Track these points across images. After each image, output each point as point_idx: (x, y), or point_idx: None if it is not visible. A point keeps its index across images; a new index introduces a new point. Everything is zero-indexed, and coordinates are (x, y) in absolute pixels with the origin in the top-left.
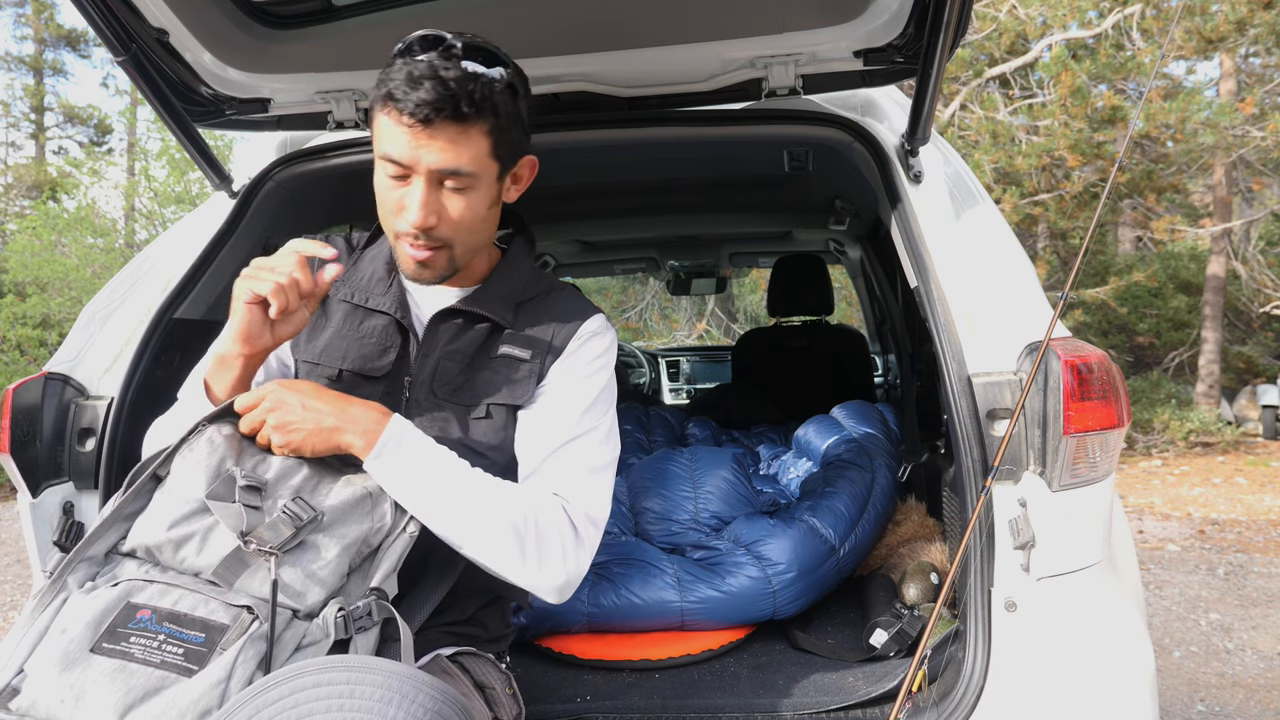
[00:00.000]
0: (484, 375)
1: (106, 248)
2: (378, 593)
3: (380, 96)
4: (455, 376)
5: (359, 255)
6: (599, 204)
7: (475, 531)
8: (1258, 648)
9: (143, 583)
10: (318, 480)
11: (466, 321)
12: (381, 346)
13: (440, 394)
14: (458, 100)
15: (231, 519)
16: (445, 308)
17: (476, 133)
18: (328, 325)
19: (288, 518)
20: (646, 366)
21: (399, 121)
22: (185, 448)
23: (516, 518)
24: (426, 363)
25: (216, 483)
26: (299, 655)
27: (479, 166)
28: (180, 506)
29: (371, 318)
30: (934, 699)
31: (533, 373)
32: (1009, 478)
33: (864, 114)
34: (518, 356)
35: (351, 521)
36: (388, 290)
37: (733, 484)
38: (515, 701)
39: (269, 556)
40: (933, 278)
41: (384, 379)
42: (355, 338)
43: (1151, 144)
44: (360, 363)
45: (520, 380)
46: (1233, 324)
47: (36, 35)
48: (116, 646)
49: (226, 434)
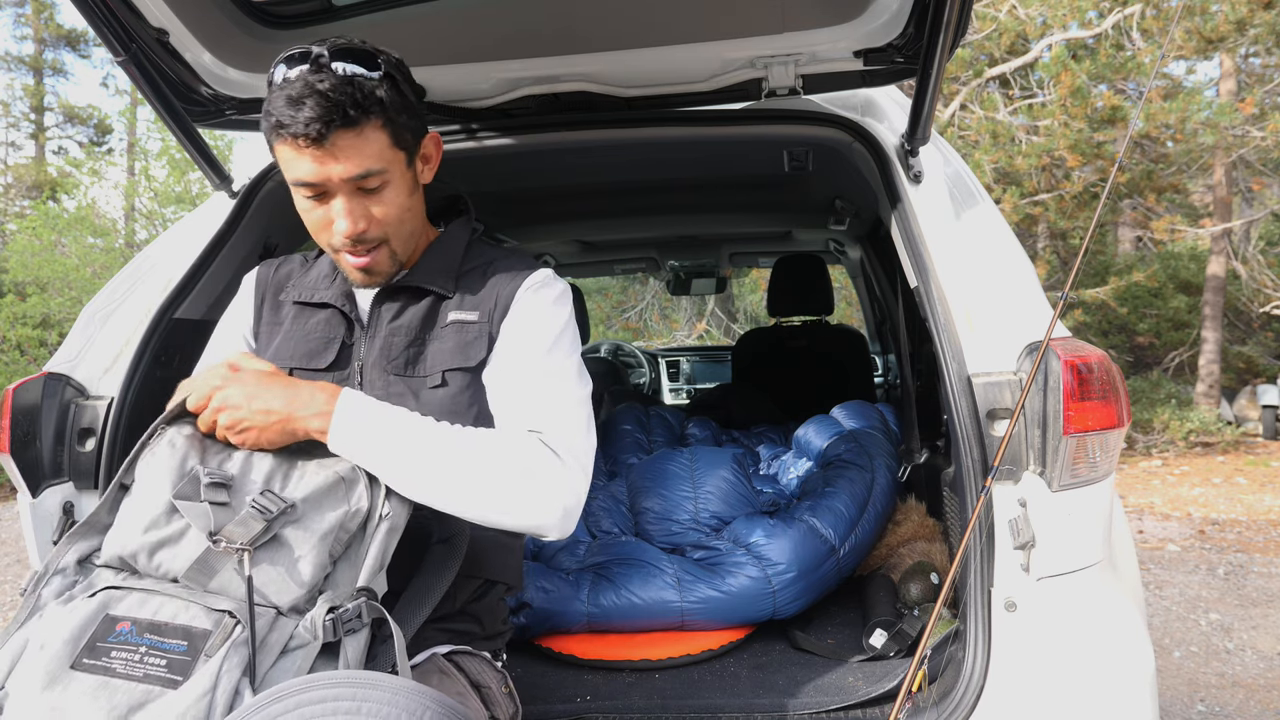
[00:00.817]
0: (434, 346)
1: (106, 248)
2: (367, 593)
3: (270, 128)
4: (404, 350)
5: (313, 264)
6: (599, 204)
7: (456, 484)
8: (1258, 648)
9: (120, 591)
10: (287, 468)
11: (408, 297)
12: (325, 340)
13: (391, 369)
14: (343, 107)
15: (199, 518)
16: (381, 289)
17: (371, 131)
18: (278, 332)
19: (257, 512)
20: (646, 366)
21: (295, 147)
22: (147, 452)
23: (495, 459)
24: (373, 343)
25: (182, 482)
26: (285, 659)
27: (385, 161)
28: (149, 511)
29: (316, 314)
30: (934, 699)
31: (483, 332)
32: (1009, 478)
33: (864, 114)
34: (466, 320)
35: (326, 508)
36: (332, 284)
37: (733, 484)
38: (511, 700)
39: (241, 554)
40: (933, 278)
41: (329, 370)
42: (300, 336)
43: (1151, 144)
44: (305, 359)
45: (471, 341)
46: (1233, 324)
47: (36, 35)
48: (97, 662)
49: (187, 434)
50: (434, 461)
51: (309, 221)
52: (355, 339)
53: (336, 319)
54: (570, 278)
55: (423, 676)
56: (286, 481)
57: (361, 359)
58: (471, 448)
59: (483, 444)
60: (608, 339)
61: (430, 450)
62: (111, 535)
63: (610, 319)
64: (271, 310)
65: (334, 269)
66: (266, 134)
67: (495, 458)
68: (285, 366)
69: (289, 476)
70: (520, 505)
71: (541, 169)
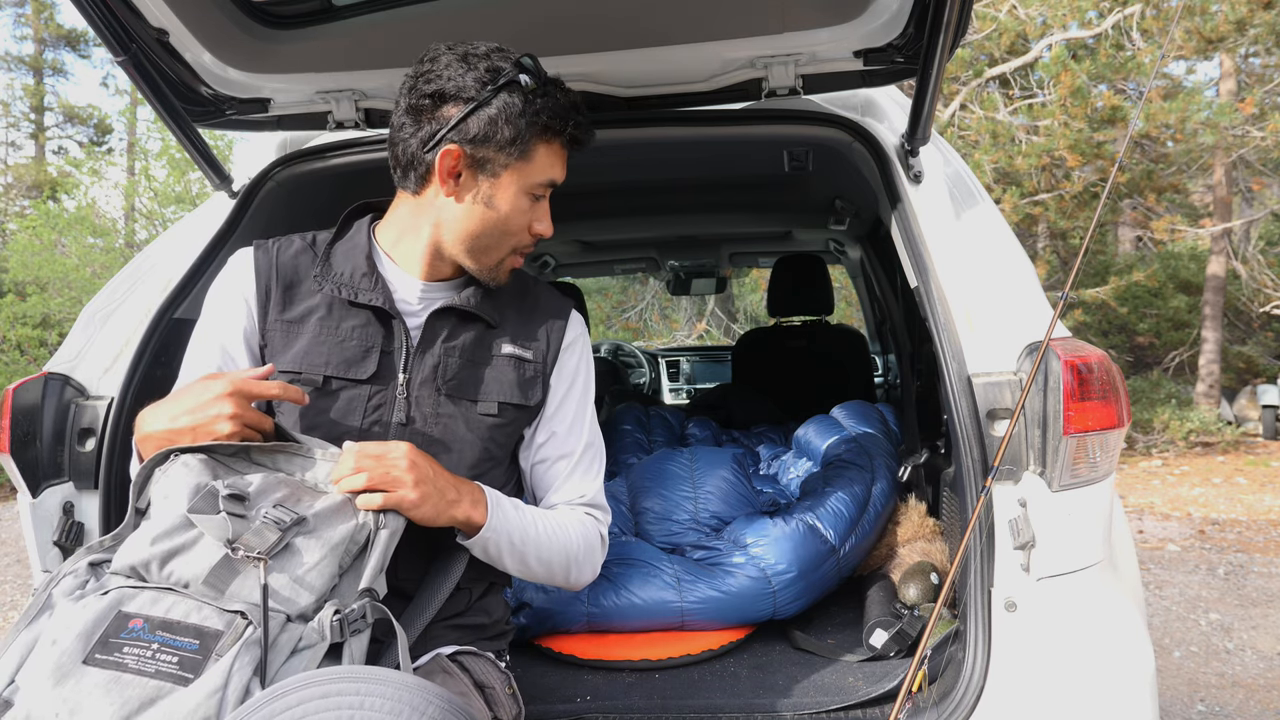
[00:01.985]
0: (488, 372)
1: (106, 248)
2: (369, 594)
3: (542, 126)
4: (458, 372)
5: (328, 251)
6: (599, 204)
7: (543, 567)
8: (1258, 648)
9: (133, 590)
10: (299, 496)
11: (460, 319)
12: (363, 348)
13: (445, 390)
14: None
15: (216, 529)
16: (442, 306)
17: None
18: (302, 331)
19: (271, 523)
20: (646, 366)
21: (561, 145)
22: (159, 473)
23: (573, 547)
24: (426, 360)
25: (197, 498)
26: (294, 659)
27: None
28: (161, 524)
29: (350, 317)
30: (934, 699)
31: (538, 373)
32: (1009, 478)
33: (864, 114)
34: (523, 357)
35: (336, 523)
36: (374, 285)
37: (733, 484)
38: (515, 701)
39: (257, 562)
40: (933, 278)
41: (370, 381)
42: (334, 341)
43: (1151, 144)
44: (344, 367)
45: (529, 380)
46: (1233, 324)
47: (36, 35)
48: (109, 657)
49: (200, 458)
50: (537, 554)
51: (516, 223)
52: (394, 348)
53: (374, 325)
54: (570, 278)
55: (427, 676)
56: (299, 503)
57: (409, 373)
58: (562, 539)
59: (568, 534)
60: (608, 339)
61: (538, 544)
62: (122, 548)
63: (610, 319)
64: (283, 304)
65: (372, 267)
66: (529, 132)
67: (573, 548)
68: (320, 374)
69: (300, 500)
70: (569, 581)
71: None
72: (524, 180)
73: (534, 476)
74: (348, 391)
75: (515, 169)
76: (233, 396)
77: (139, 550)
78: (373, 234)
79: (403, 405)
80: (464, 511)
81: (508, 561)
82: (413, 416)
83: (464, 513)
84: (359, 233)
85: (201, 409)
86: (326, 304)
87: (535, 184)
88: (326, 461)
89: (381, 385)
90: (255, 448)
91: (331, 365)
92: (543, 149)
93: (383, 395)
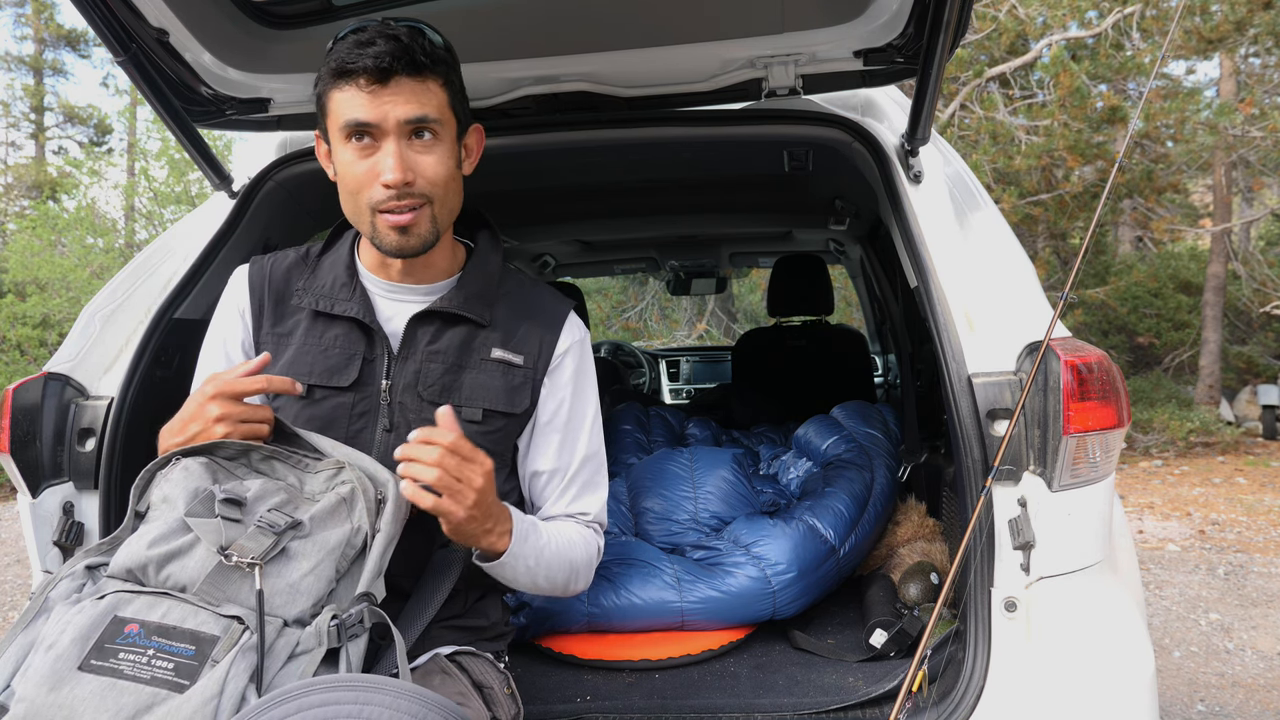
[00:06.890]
0: (474, 377)
1: (106, 248)
2: (368, 598)
3: (330, 73)
4: (441, 377)
5: (316, 264)
6: (599, 204)
7: (548, 584)
8: (1258, 648)
9: (130, 594)
10: (296, 503)
11: (444, 322)
12: (346, 356)
13: (426, 396)
14: (412, 51)
15: (211, 534)
16: (422, 311)
17: (434, 84)
18: (291, 343)
19: (266, 526)
20: (646, 366)
21: (358, 86)
22: (160, 477)
23: (577, 564)
24: (407, 366)
25: (194, 502)
26: (291, 664)
27: (443, 115)
28: (159, 527)
29: (333, 327)
30: (934, 699)
31: (528, 379)
32: (1009, 478)
33: (864, 114)
34: (511, 362)
35: (332, 526)
36: (352, 295)
37: (732, 484)
38: (513, 701)
39: (251, 567)
40: (933, 278)
41: (352, 389)
42: (318, 350)
43: (1151, 144)
44: (326, 375)
45: (518, 387)
46: (1233, 324)
47: (36, 35)
48: (105, 663)
49: (202, 462)
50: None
51: (351, 179)
52: (376, 355)
53: (355, 333)
54: (570, 278)
55: (425, 676)
56: (296, 508)
57: (391, 380)
58: (569, 553)
59: (574, 548)
60: (608, 339)
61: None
62: (120, 550)
63: (610, 319)
64: (274, 317)
65: (350, 276)
66: (323, 87)
67: (578, 561)
68: (303, 383)
69: (298, 506)
70: (576, 587)
71: (541, 169)
72: (336, 132)
73: (530, 489)
74: (331, 400)
75: (330, 129)
76: (217, 398)
77: (136, 553)
78: (356, 243)
79: (386, 412)
80: (490, 542)
81: (520, 582)
82: (396, 423)
83: (489, 543)
84: (344, 243)
85: (195, 417)
86: (311, 315)
87: (341, 129)
88: (323, 472)
89: (364, 393)
90: (256, 451)
91: (315, 374)
92: (335, 95)
93: (366, 403)
